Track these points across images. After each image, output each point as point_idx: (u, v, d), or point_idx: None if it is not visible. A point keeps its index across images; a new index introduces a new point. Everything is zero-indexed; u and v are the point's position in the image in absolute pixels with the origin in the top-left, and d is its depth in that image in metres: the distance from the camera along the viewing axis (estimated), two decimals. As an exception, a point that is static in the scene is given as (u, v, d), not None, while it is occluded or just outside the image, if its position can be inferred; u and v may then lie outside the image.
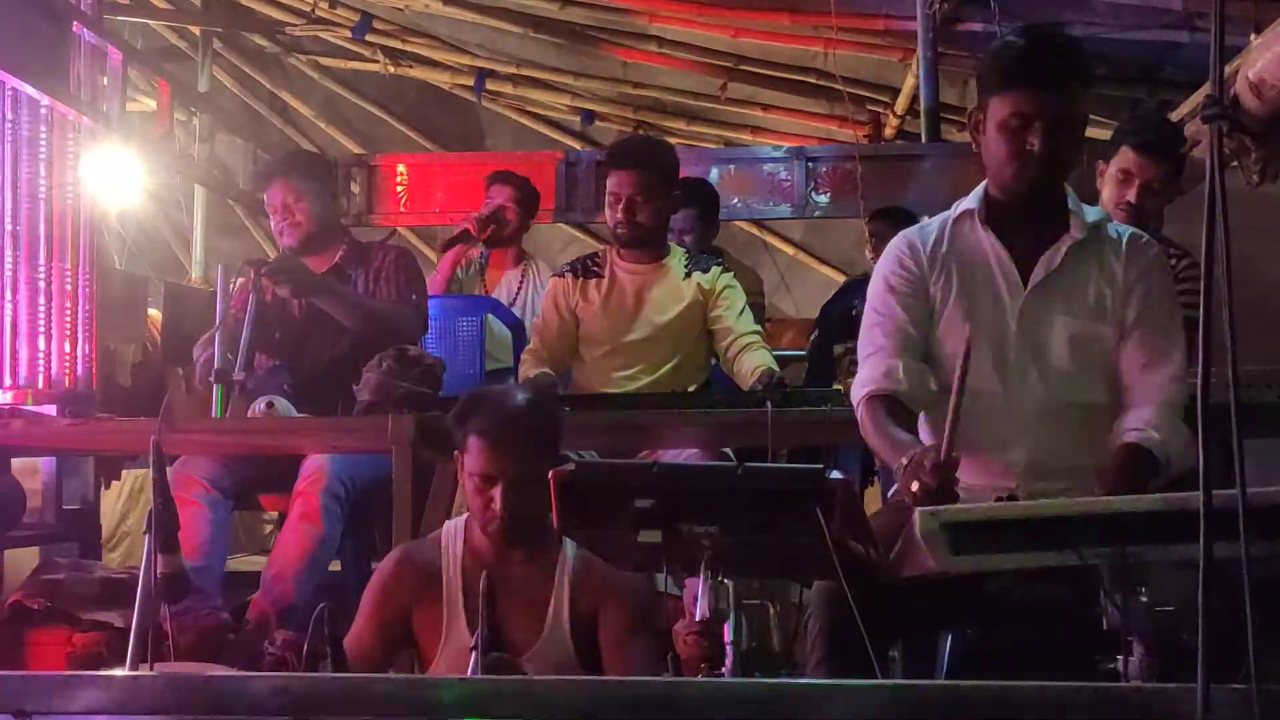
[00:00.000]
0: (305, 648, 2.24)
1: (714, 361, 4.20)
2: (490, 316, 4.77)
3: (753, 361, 3.87)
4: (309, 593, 3.57)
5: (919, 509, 2.04)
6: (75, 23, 4.43)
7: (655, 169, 4.00)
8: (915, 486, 2.35)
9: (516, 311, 5.08)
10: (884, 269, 2.85)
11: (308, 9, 7.98)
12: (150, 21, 8.15)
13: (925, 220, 2.97)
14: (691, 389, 4.00)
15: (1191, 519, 1.66)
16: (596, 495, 2.16)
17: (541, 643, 2.84)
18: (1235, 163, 4.18)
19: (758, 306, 4.99)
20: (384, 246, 4.38)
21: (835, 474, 2.09)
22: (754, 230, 8.72)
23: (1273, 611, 1.67)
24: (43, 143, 4.31)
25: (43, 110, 4.31)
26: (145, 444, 3.56)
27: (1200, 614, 1.61)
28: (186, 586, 2.45)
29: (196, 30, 8.28)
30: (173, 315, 5.24)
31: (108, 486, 4.78)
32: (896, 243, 2.87)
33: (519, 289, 5.30)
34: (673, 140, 7.96)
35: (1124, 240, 2.79)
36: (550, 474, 2.17)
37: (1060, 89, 2.62)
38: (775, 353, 4.24)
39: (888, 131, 7.47)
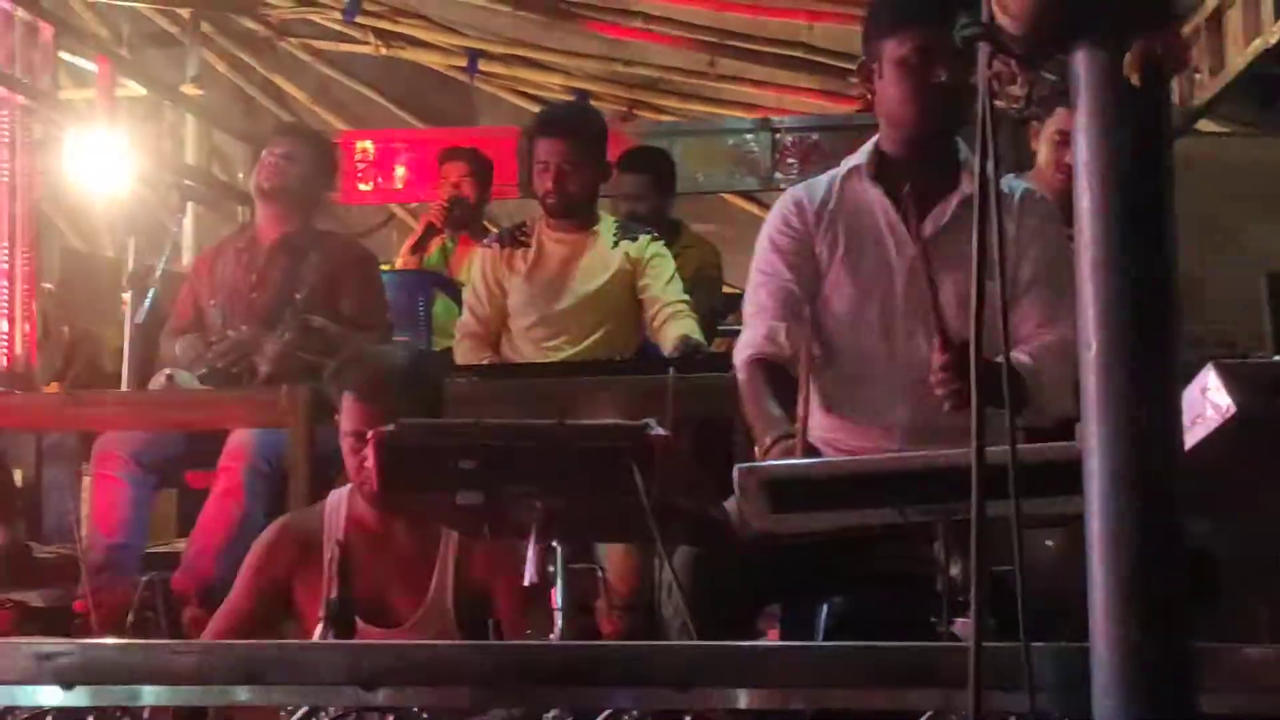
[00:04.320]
0: (131, 616, 2.19)
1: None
2: (442, 295, 4.69)
3: (675, 330, 3.78)
4: (230, 570, 3.52)
5: (738, 465, 1.97)
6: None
7: (583, 136, 3.91)
8: None
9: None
10: (770, 228, 2.76)
11: (298, -10, 7.95)
12: (139, 5, 8.14)
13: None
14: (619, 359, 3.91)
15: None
16: (419, 456, 2.08)
17: (424, 612, 2.79)
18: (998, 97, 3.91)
19: (714, 280, 4.90)
20: (343, 244, 4.31)
21: (658, 430, 2.01)
22: (754, 209, 8.58)
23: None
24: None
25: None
26: (49, 421, 3.54)
27: (974, 574, 1.52)
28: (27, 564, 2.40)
29: (185, 14, 8.26)
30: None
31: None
32: (783, 200, 2.78)
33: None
34: (667, 119, 7.91)
35: (1016, 196, 2.69)
36: (370, 435, 2.10)
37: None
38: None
39: (877, 104, 7.30)
